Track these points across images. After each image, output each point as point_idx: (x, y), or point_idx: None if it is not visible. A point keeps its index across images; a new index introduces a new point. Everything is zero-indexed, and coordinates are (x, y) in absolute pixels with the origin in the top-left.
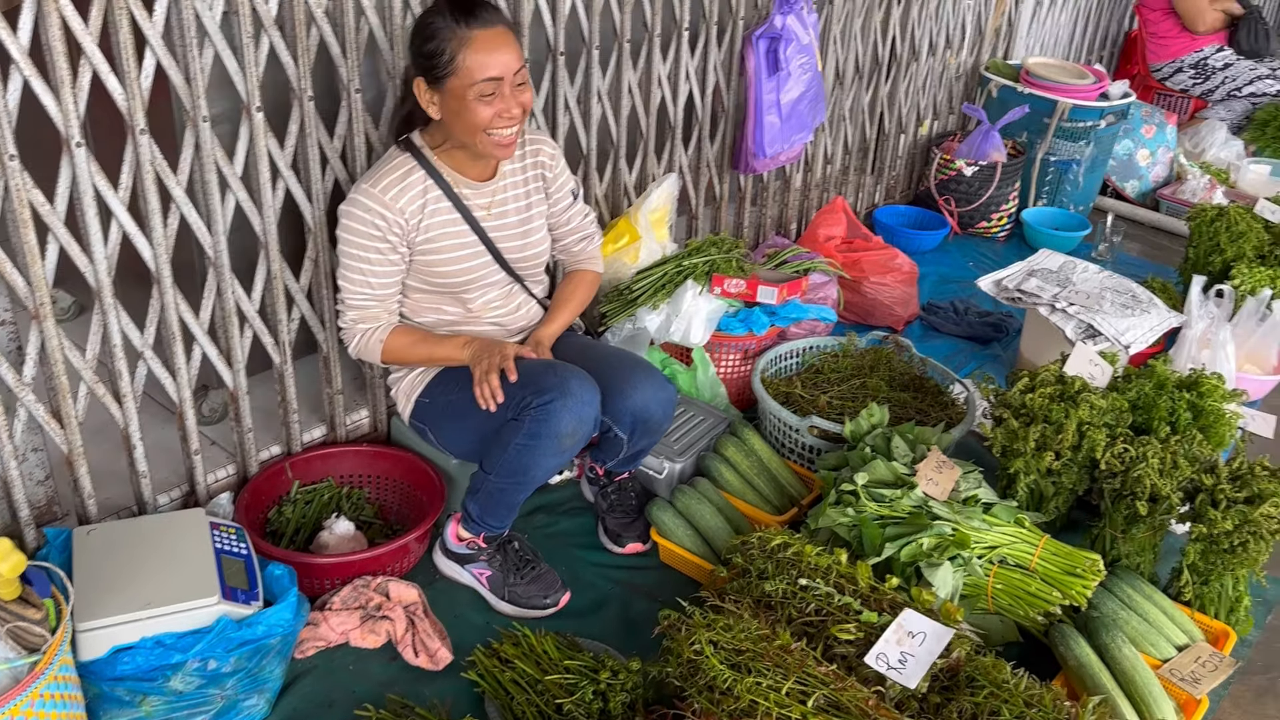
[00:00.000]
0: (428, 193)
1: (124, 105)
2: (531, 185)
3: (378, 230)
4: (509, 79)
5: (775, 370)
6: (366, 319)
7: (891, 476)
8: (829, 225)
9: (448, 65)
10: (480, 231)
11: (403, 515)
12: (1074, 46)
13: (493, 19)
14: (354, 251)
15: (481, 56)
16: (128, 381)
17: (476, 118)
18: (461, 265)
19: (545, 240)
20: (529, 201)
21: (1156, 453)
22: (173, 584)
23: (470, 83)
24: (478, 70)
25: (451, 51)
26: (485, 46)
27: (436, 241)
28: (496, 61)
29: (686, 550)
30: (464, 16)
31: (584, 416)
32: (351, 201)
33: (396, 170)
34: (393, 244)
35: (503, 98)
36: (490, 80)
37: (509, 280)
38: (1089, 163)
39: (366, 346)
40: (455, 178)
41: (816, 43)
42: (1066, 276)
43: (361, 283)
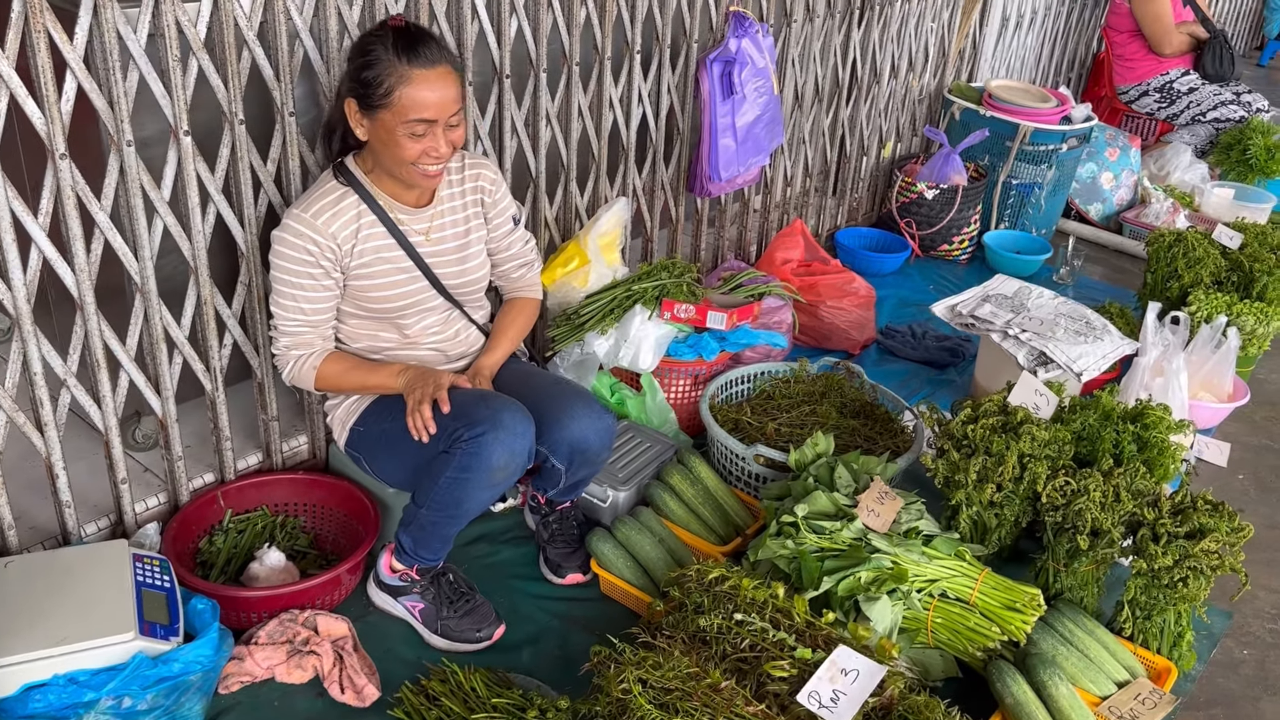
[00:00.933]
0: (361, 218)
1: (43, 130)
2: (470, 210)
3: (309, 256)
4: (443, 120)
5: (726, 396)
6: (300, 345)
7: (832, 508)
8: (786, 248)
9: (383, 97)
10: (416, 257)
11: (339, 545)
12: (1040, 68)
13: (436, 58)
14: (286, 278)
15: (419, 96)
16: (49, 410)
17: (403, 152)
18: (397, 291)
19: (484, 265)
20: (467, 227)
21: (1098, 486)
22: (88, 619)
23: (403, 120)
24: (412, 110)
25: (389, 86)
26: (424, 86)
27: (371, 267)
28: (433, 103)
29: (626, 582)
30: (407, 52)
31: (516, 449)
32: (283, 227)
33: (328, 195)
34: (325, 269)
35: (433, 137)
36: (423, 121)
37: (447, 306)
38: (1051, 186)
39: (299, 373)
40: (390, 203)
41: (773, 66)
42: (1021, 302)
43: (294, 309)
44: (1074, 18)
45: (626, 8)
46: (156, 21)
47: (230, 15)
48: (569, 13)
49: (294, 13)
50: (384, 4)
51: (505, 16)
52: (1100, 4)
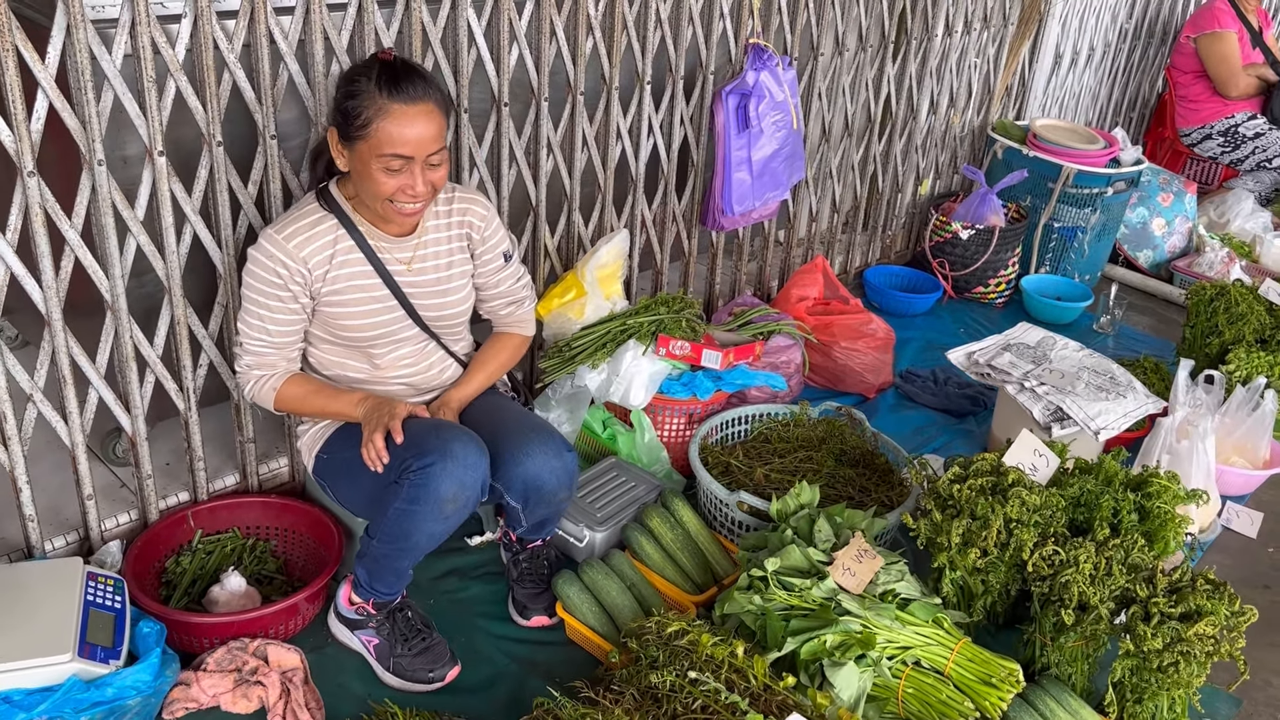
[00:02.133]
0: (338, 243)
1: (12, 148)
2: (455, 244)
3: (278, 279)
4: (420, 159)
5: (722, 437)
6: (262, 366)
7: (806, 563)
8: (804, 286)
9: (360, 129)
10: (394, 286)
11: (308, 571)
12: (1098, 107)
13: (419, 94)
14: (254, 297)
15: (396, 131)
16: (13, 425)
17: (379, 187)
18: (370, 320)
19: (467, 299)
20: (450, 260)
21: (1089, 557)
22: (28, 637)
23: (378, 153)
24: (387, 144)
25: (367, 117)
26: (403, 121)
27: (343, 294)
28: (410, 140)
29: (590, 629)
30: (389, 85)
31: (466, 481)
32: (257, 246)
33: (306, 218)
34: (294, 293)
35: (410, 174)
36: (398, 157)
37: (424, 337)
38: (1096, 230)
39: (259, 393)
40: (371, 230)
41: (793, 99)
42: (1044, 353)
43: (259, 329)
44: (1136, 56)
45: (637, 39)
46: (133, 42)
47: (210, 37)
48: (574, 43)
49: (278, 36)
50: (373, 28)
51: (505, 45)
52: (1165, 43)
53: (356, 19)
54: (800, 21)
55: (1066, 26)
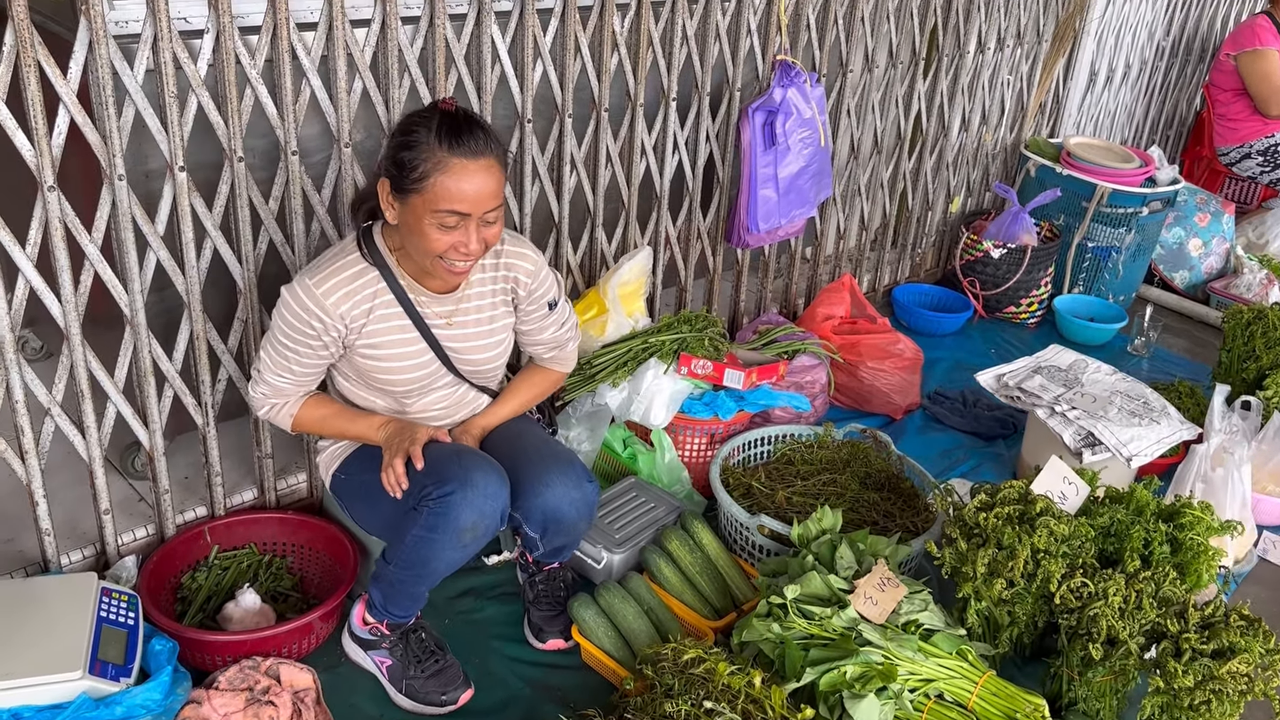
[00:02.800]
0: (378, 296)
1: (33, 162)
2: (499, 298)
3: (312, 331)
4: (477, 215)
5: (745, 458)
6: (280, 396)
7: (826, 591)
8: (830, 304)
9: (416, 182)
10: (432, 339)
11: (323, 589)
12: (1134, 125)
13: (480, 149)
14: (282, 339)
15: (454, 186)
16: (30, 438)
17: (430, 243)
18: (407, 375)
19: (506, 351)
20: (493, 314)
21: (1119, 590)
22: (40, 653)
23: (434, 208)
24: (444, 200)
25: (425, 170)
26: (462, 177)
27: (381, 348)
28: (469, 196)
29: (605, 653)
30: (450, 138)
31: (486, 511)
32: (292, 293)
33: (347, 269)
34: (325, 343)
35: (464, 231)
36: (455, 213)
37: (458, 382)
38: (1131, 250)
39: (275, 416)
40: (412, 284)
41: (821, 116)
42: (1075, 376)
43: (284, 367)
44: (1173, 73)
45: (663, 55)
46: (155, 57)
47: (232, 53)
48: (599, 60)
49: (300, 52)
50: (396, 45)
51: (529, 61)
52: (1203, 60)
53: (380, 35)
54: (829, 38)
55: (1102, 43)
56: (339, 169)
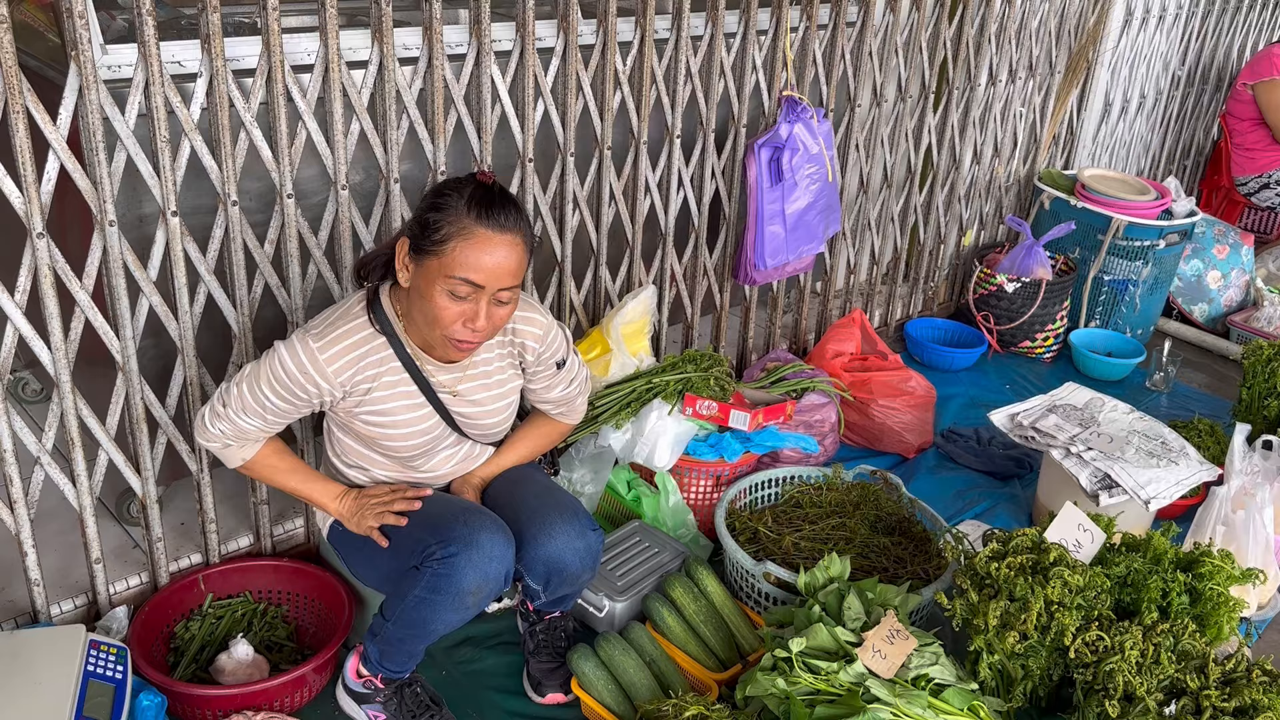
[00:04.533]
0: (383, 363)
1: (21, 209)
2: (506, 363)
3: (304, 394)
4: (491, 290)
5: (750, 500)
6: (240, 439)
7: (834, 644)
8: (840, 340)
9: (435, 244)
10: (439, 405)
11: (319, 639)
12: (1150, 156)
13: (508, 224)
14: (265, 389)
15: (473, 255)
16: (19, 488)
17: (438, 311)
18: (414, 441)
19: (514, 412)
20: (500, 379)
21: (1136, 644)
22: (22, 711)
23: (448, 274)
24: (459, 266)
25: (447, 234)
26: (484, 247)
27: (386, 414)
28: (486, 267)
29: (606, 709)
30: (479, 207)
31: (491, 574)
32: (291, 348)
33: (354, 335)
34: (313, 405)
35: (474, 304)
36: (468, 283)
37: (462, 440)
38: (1148, 284)
39: (224, 453)
40: (418, 352)
41: (829, 151)
42: (1092, 415)
43: (255, 413)
44: (1189, 103)
45: (667, 94)
46: (147, 102)
47: (225, 96)
48: (601, 98)
49: (296, 95)
50: (394, 86)
51: (529, 101)
52: (1219, 89)
53: (377, 76)
54: (836, 73)
55: (1116, 74)
56: (336, 211)
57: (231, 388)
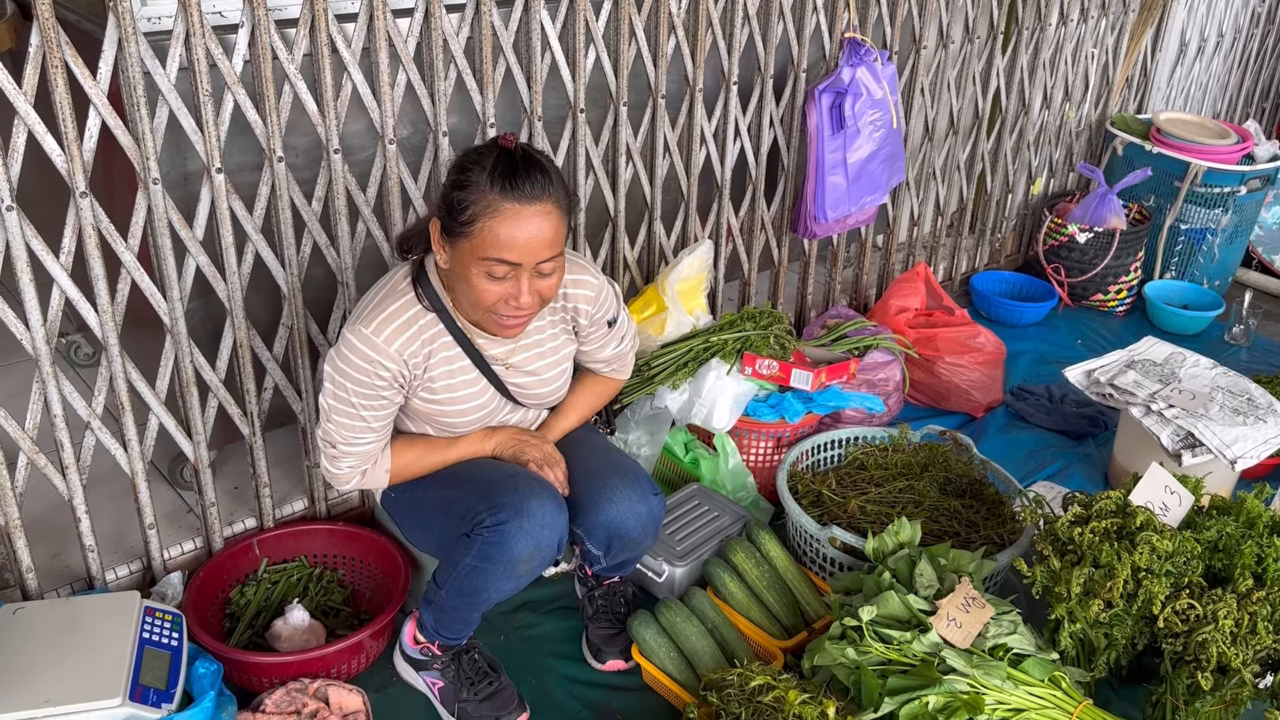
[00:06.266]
0: (435, 339)
1: (64, 167)
2: (560, 328)
3: (381, 381)
4: (529, 265)
5: (814, 462)
6: (366, 460)
7: (906, 613)
8: (904, 295)
9: (464, 226)
10: (494, 377)
11: (375, 603)
12: (1227, 98)
13: (536, 192)
14: (353, 399)
15: (504, 233)
16: (70, 453)
17: (479, 294)
18: (472, 416)
19: (568, 378)
20: (555, 345)
21: (1230, 613)
22: (79, 679)
23: (481, 255)
24: (492, 247)
25: (473, 214)
26: (514, 223)
27: (442, 392)
28: (519, 244)
29: (668, 675)
30: (504, 180)
31: (542, 542)
32: (350, 346)
33: (402, 314)
34: (397, 389)
35: (515, 282)
36: (503, 263)
37: (518, 409)
38: (1228, 232)
39: (369, 482)
40: (468, 326)
41: (893, 96)
42: (1172, 371)
43: (362, 430)
44: (1270, 41)
45: (723, 37)
46: (188, 54)
47: (268, 48)
48: (654, 44)
49: (340, 45)
50: (440, 34)
51: (581, 48)
52: None
53: (424, 24)
54: (901, 14)
55: (1193, 12)
56: (384, 167)
57: (327, 425)
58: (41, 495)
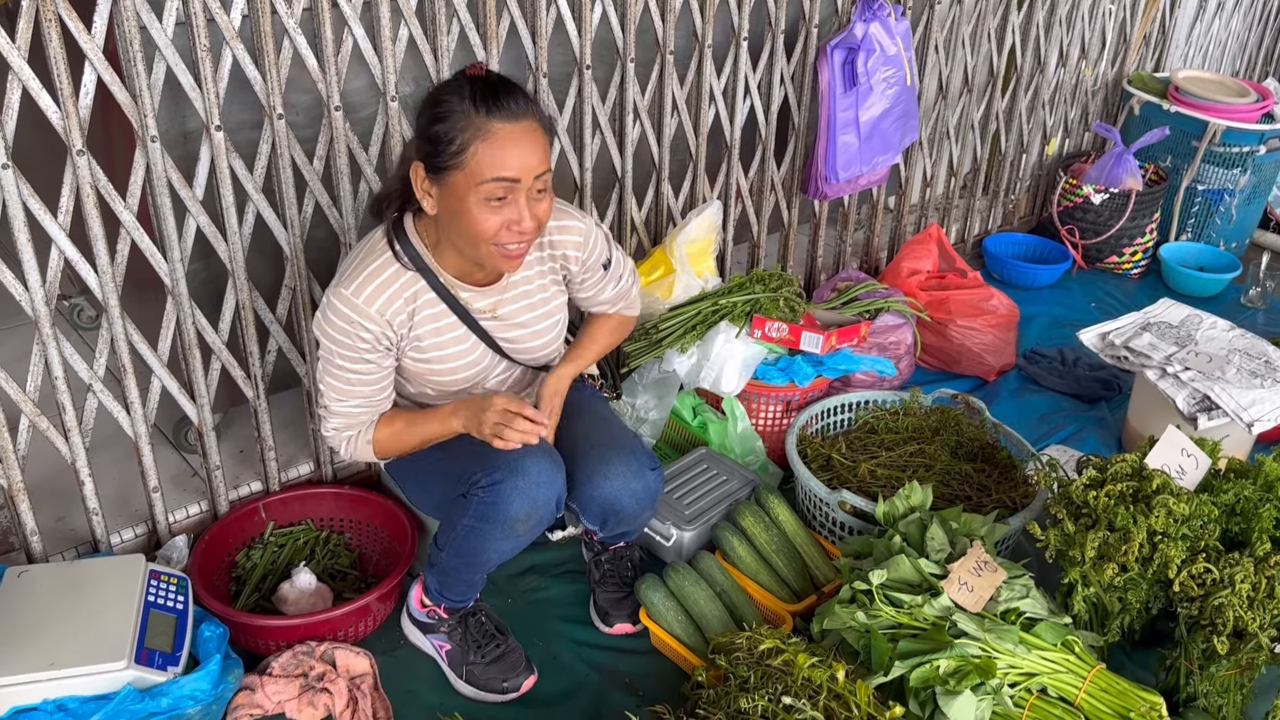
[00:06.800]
0: (418, 297)
1: (60, 125)
2: (548, 279)
3: (364, 343)
4: (527, 183)
5: (823, 426)
6: (353, 425)
7: (917, 576)
8: (916, 258)
9: (454, 156)
10: (482, 333)
11: (382, 567)
12: (1248, 56)
13: (521, 110)
14: (340, 363)
15: (498, 153)
16: (73, 416)
17: (479, 226)
18: (462, 375)
19: (562, 332)
20: (543, 297)
21: (1247, 577)
22: (84, 642)
23: (479, 180)
24: (490, 168)
25: (463, 142)
26: (505, 142)
27: (431, 350)
28: (515, 161)
29: (676, 639)
30: (486, 102)
31: (539, 500)
32: (331, 309)
33: (381, 274)
34: (382, 352)
35: (515, 205)
36: (503, 181)
37: (512, 367)
38: (1246, 193)
39: (356, 451)
40: (452, 281)
41: (907, 53)
42: (1188, 333)
43: (349, 392)
44: None
45: None
46: (185, 8)
47: (267, 3)
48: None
49: (341, 0)
50: None
51: (586, 2)
52: None
53: None
54: None
55: None
56: (386, 124)
57: (320, 387)
58: (45, 459)
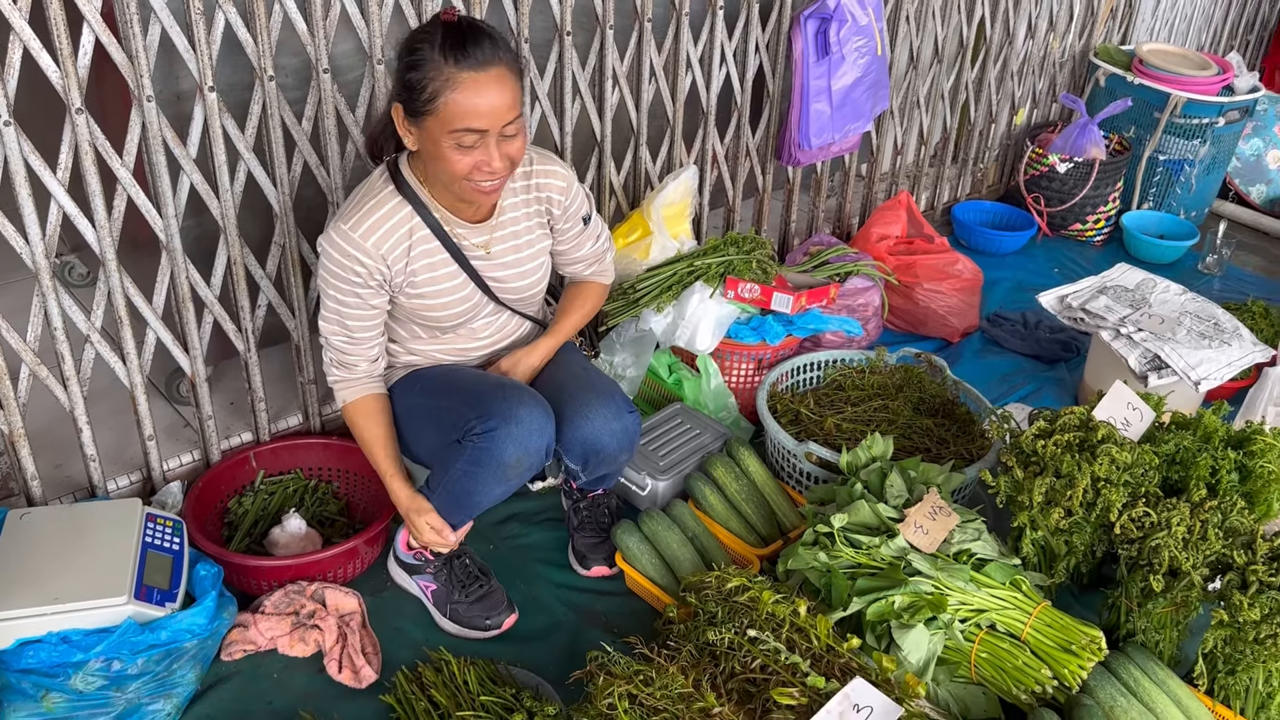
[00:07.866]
0: (414, 233)
1: (59, 84)
2: (535, 220)
3: (357, 277)
4: (495, 130)
5: (793, 384)
6: (344, 365)
7: (875, 520)
8: (886, 223)
9: (427, 104)
10: (472, 271)
11: (370, 514)
12: (1212, 30)
13: (488, 58)
14: (331, 294)
15: (467, 102)
16: (71, 365)
17: (453, 166)
18: (453, 310)
19: (546, 275)
20: (530, 239)
21: (1183, 520)
22: (86, 579)
23: (450, 129)
24: (458, 118)
25: (434, 90)
26: (474, 91)
27: (422, 285)
28: (483, 110)
29: (649, 580)
30: (455, 51)
31: (531, 447)
32: (330, 241)
33: (379, 209)
34: (373, 289)
35: (485, 149)
36: (471, 131)
37: (499, 310)
38: (1205, 164)
39: (339, 391)
40: (446, 215)
41: (878, 23)
42: (1143, 296)
43: (338, 324)
44: None
45: None
46: None
47: None
48: None
49: None
50: None
51: None
52: None
53: None
54: None
55: None
56: (373, 87)
57: (319, 318)
58: (44, 409)
